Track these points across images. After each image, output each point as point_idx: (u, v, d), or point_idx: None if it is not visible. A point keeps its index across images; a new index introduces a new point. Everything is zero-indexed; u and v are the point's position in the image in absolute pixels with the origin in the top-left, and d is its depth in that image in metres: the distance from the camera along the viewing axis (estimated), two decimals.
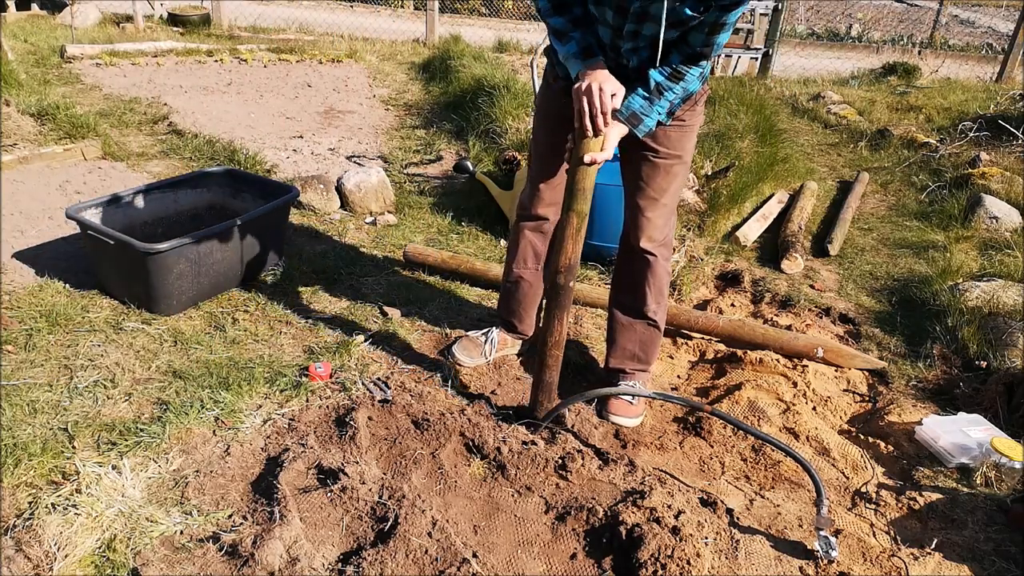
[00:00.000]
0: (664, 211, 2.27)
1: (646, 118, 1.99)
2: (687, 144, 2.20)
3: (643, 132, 2.02)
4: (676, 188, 2.26)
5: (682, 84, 1.98)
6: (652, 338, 2.45)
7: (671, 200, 2.28)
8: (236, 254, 2.90)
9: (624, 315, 2.45)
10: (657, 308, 2.40)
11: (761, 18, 7.51)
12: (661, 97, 1.98)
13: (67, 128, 4.45)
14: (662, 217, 2.27)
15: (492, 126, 4.93)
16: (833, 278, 3.59)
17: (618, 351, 2.48)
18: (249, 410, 2.28)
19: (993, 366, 2.69)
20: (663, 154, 2.18)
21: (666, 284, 2.40)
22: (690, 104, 2.12)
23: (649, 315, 2.40)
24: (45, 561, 1.69)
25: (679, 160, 2.20)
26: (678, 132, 2.16)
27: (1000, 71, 7.77)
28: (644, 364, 2.48)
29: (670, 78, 1.96)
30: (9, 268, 3.01)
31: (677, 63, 1.95)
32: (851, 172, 5.08)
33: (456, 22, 10.06)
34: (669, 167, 2.20)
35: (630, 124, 1.99)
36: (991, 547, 1.96)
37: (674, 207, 2.33)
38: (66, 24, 7.68)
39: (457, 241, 3.66)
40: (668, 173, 2.21)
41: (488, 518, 1.93)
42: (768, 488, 2.17)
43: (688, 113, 2.14)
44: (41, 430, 2.13)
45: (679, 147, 2.18)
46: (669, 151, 2.18)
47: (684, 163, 2.23)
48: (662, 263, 2.34)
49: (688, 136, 2.19)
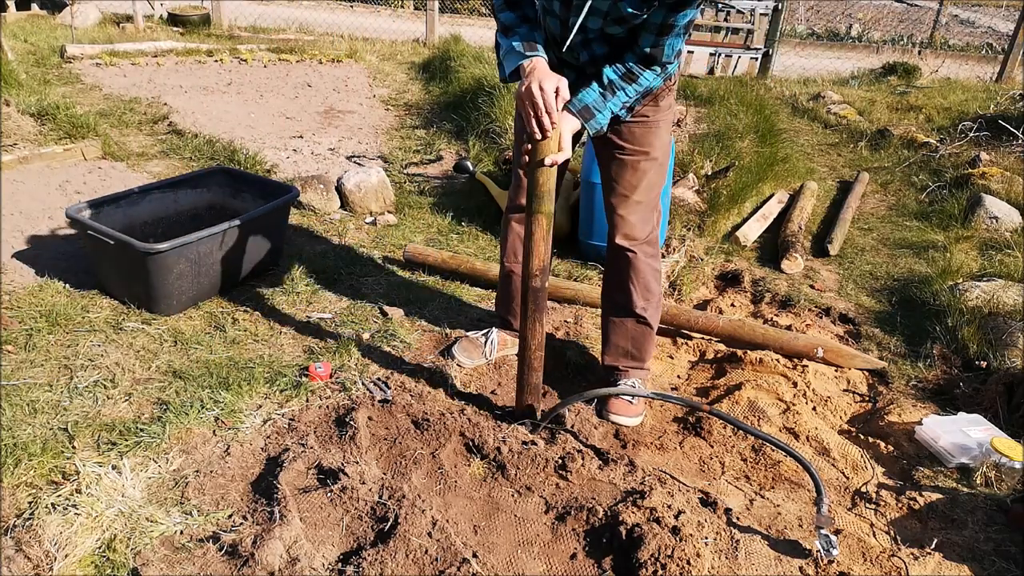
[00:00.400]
0: (639, 208, 2.26)
1: (598, 113, 1.97)
2: (653, 140, 2.18)
3: (595, 128, 2.00)
4: (648, 185, 2.24)
5: (635, 86, 1.96)
6: (644, 335, 2.45)
7: (645, 197, 2.25)
8: (236, 254, 2.90)
9: (614, 313, 2.46)
10: (646, 304, 2.39)
11: (761, 18, 7.50)
12: (615, 95, 1.96)
13: (67, 128, 4.45)
14: (636, 214, 2.26)
15: (492, 126, 4.93)
16: (833, 278, 3.59)
17: (611, 349, 2.49)
18: (249, 410, 2.28)
19: (993, 366, 2.69)
20: (629, 150, 2.18)
21: (653, 281, 2.38)
22: (650, 99, 2.10)
23: (637, 312, 2.40)
24: (45, 561, 1.69)
25: (646, 156, 2.19)
26: (641, 128, 2.15)
27: (1000, 71, 7.77)
28: (638, 362, 2.48)
29: (624, 78, 1.95)
30: (9, 268, 3.01)
31: (631, 63, 1.94)
32: (851, 172, 5.08)
33: (456, 22, 10.06)
34: (636, 163, 2.20)
35: (582, 118, 1.97)
36: (991, 547, 1.96)
37: (651, 204, 2.29)
38: (66, 24, 7.68)
39: (457, 241, 3.66)
40: (636, 170, 2.20)
41: (488, 518, 1.93)
42: (768, 488, 2.17)
43: (650, 108, 2.13)
44: (41, 430, 2.13)
45: (644, 143, 2.17)
46: (635, 147, 2.18)
47: (653, 159, 2.21)
48: (644, 260, 2.33)
49: (653, 132, 2.17)
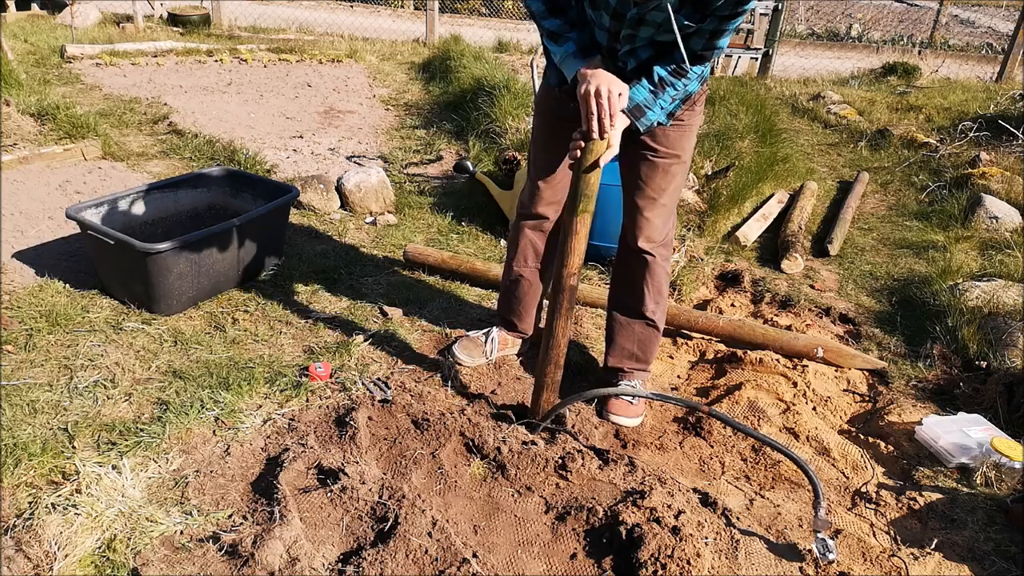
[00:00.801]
0: (663, 211, 2.27)
1: (649, 111, 1.99)
2: (686, 144, 2.20)
3: (645, 126, 2.01)
4: (675, 188, 2.26)
5: (684, 81, 1.98)
6: (650, 338, 2.45)
7: (670, 200, 2.27)
8: (236, 254, 2.90)
9: (623, 315, 2.45)
10: (656, 308, 2.40)
11: (761, 18, 7.50)
12: (664, 91, 1.97)
13: (67, 128, 4.44)
14: (660, 217, 2.27)
15: (492, 126, 4.93)
16: (833, 278, 3.59)
17: (616, 350, 2.49)
18: (249, 410, 2.28)
19: (993, 366, 2.69)
20: (662, 153, 2.17)
21: (665, 284, 2.40)
22: (688, 104, 2.12)
23: (647, 315, 2.40)
24: (45, 561, 1.69)
25: (677, 160, 2.20)
26: (677, 131, 2.16)
27: (1000, 71, 7.77)
28: (643, 363, 2.48)
29: (673, 74, 1.96)
30: (9, 268, 3.01)
31: (680, 60, 1.95)
32: (851, 172, 5.08)
33: (456, 22, 10.06)
34: (668, 167, 2.20)
35: (633, 117, 1.98)
36: (991, 547, 1.96)
37: (673, 207, 2.32)
38: (66, 24, 7.68)
39: (457, 241, 3.66)
40: (667, 173, 2.21)
41: (488, 518, 1.93)
42: (768, 488, 2.17)
43: (687, 113, 2.14)
44: (41, 430, 2.13)
45: (677, 146, 2.18)
46: (668, 150, 2.17)
47: (683, 163, 2.22)
48: (660, 263, 2.34)
49: (687, 136, 2.19)
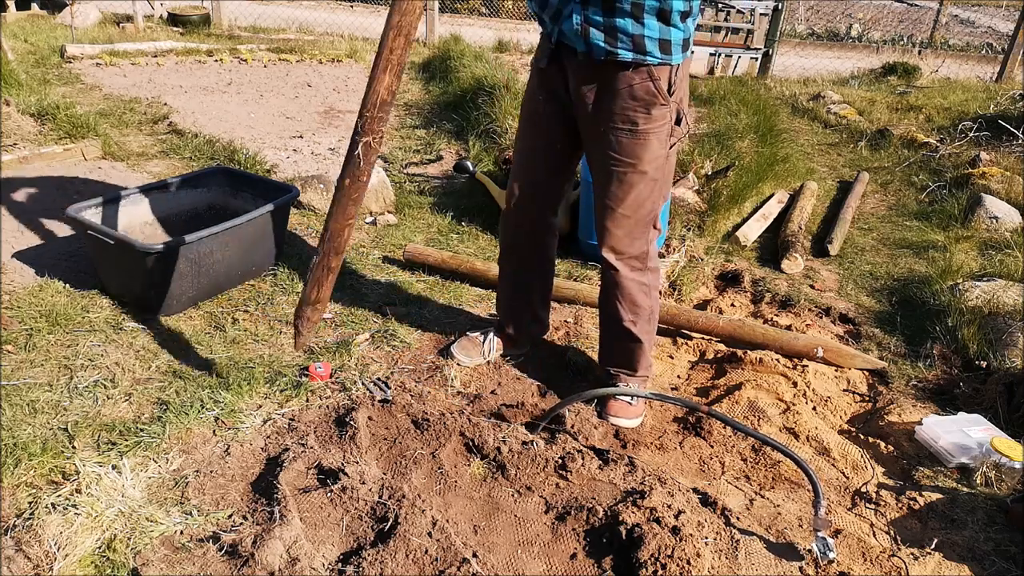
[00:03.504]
0: (626, 223, 2.14)
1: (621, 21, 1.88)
2: (643, 154, 2.05)
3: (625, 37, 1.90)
4: (635, 200, 2.11)
5: None
6: (632, 350, 2.36)
7: (633, 212, 2.13)
8: (236, 254, 2.90)
9: (604, 324, 2.41)
10: (635, 319, 2.28)
11: (761, 18, 7.50)
12: None
13: (67, 128, 4.44)
14: (622, 229, 2.15)
15: (492, 126, 4.93)
16: (833, 278, 3.59)
17: (604, 355, 2.48)
18: (249, 410, 2.28)
19: (993, 366, 2.69)
20: (615, 160, 2.07)
21: (641, 295, 2.26)
22: (641, 107, 2.00)
23: (625, 326, 2.30)
24: (45, 561, 1.69)
25: (633, 169, 2.07)
26: (629, 139, 2.04)
27: (1000, 71, 7.77)
28: (630, 371, 2.41)
29: None
30: (9, 268, 3.01)
31: None
32: (851, 172, 5.08)
33: (456, 22, 10.06)
34: (623, 175, 2.08)
35: None
36: (991, 547, 1.96)
37: (641, 221, 2.16)
38: (66, 24, 7.68)
39: (457, 241, 3.66)
40: (622, 182, 2.09)
41: (488, 518, 1.93)
42: (768, 488, 2.17)
43: (641, 116, 2.01)
44: (41, 430, 2.13)
45: (633, 155, 2.05)
46: (623, 158, 2.06)
47: (641, 173, 2.08)
48: (629, 277, 2.22)
49: (642, 145, 2.04)
